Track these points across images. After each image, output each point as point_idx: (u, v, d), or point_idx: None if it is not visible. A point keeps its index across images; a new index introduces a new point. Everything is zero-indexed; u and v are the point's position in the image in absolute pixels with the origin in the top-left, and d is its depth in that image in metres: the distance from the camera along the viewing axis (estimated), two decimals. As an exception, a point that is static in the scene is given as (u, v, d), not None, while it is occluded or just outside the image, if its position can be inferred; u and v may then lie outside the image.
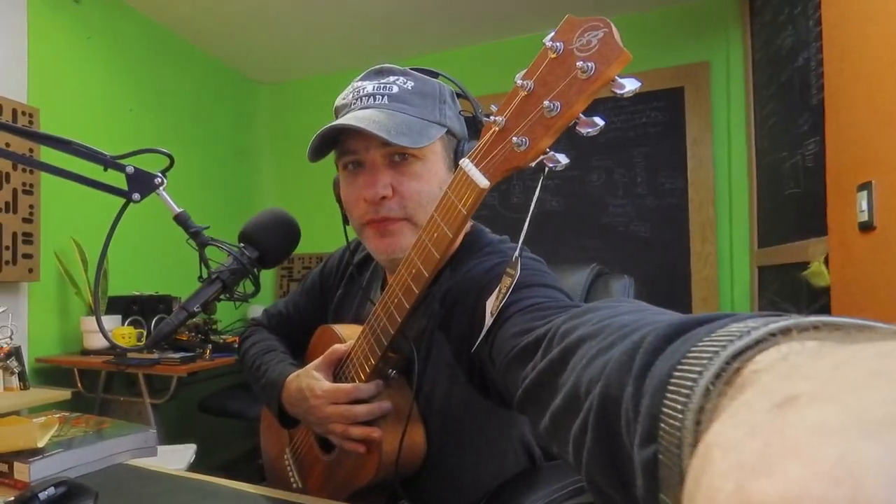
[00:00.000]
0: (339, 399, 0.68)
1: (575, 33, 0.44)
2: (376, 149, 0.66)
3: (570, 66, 0.44)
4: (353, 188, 0.69)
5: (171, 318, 0.60)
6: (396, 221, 0.67)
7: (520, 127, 0.48)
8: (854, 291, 1.21)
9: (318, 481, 0.79)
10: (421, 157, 0.67)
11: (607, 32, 0.42)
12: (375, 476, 0.67)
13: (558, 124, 0.46)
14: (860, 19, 1.17)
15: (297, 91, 3.23)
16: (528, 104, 0.48)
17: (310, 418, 0.72)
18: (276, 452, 0.91)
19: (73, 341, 2.09)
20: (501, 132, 0.50)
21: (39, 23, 2.01)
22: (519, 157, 0.48)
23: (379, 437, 0.66)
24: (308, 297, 0.96)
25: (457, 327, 0.66)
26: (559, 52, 0.45)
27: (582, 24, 0.44)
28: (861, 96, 1.16)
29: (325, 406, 0.69)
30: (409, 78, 0.70)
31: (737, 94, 2.34)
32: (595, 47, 0.42)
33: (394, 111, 0.66)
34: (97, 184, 0.59)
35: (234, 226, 0.67)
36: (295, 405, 0.74)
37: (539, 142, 0.47)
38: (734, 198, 2.34)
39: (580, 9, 2.47)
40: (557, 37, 0.46)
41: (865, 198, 1.12)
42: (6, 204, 1.81)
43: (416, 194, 0.66)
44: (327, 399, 0.68)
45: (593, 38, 0.43)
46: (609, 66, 0.41)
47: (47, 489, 0.60)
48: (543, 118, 0.46)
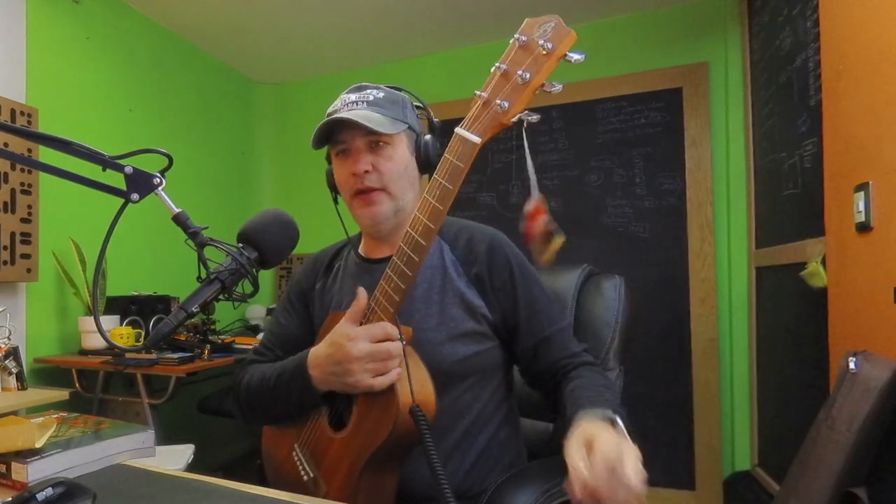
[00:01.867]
0: (376, 335, 0.74)
1: (534, 27, 0.66)
2: (360, 138, 0.88)
3: (533, 48, 0.65)
4: (343, 168, 0.90)
5: (169, 319, 0.60)
6: (377, 191, 0.88)
7: (500, 95, 0.68)
8: (851, 292, 1.21)
9: (333, 460, 0.82)
10: (391, 143, 0.89)
11: (558, 22, 0.64)
12: (394, 429, 0.73)
13: (529, 87, 0.66)
14: (858, 20, 1.17)
15: (298, 92, 3.23)
16: (504, 79, 0.68)
17: (346, 367, 0.75)
18: (284, 454, 0.92)
19: (71, 341, 2.09)
20: (485, 103, 0.69)
21: (38, 23, 2.01)
22: (502, 115, 0.68)
23: (398, 375, 0.75)
24: (289, 307, 1.03)
25: (475, 267, 0.91)
26: (524, 42, 0.66)
27: (539, 20, 0.67)
28: (859, 97, 1.17)
29: (363, 345, 0.74)
30: (380, 90, 0.93)
31: (735, 95, 2.35)
32: (550, 33, 0.65)
33: (371, 111, 0.87)
34: (96, 184, 0.59)
35: (234, 226, 0.67)
36: (327, 365, 0.78)
37: (516, 103, 0.67)
38: (732, 198, 2.35)
39: (579, 10, 2.48)
40: (522, 32, 0.68)
41: (863, 198, 1.12)
42: (4, 204, 1.81)
43: (389, 171, 0.88)
44: (366, 335, 0.74)
45: (548, 28, 0.65)
46: (562, 42, 0.64)
47: (45, 490, 0.60)
48: (517, 85, 0.66)
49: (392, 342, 0.75)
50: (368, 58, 2.97)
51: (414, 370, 0.76)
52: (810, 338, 1.60)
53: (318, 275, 1.02)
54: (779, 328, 1.94)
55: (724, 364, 2.34)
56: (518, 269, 0.91)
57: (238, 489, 0.69)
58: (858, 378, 0.99)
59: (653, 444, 2.41)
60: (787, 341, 1.83)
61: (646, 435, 2.43)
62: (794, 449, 1.11)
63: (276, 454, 0.94)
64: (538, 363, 0.90)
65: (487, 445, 0.90)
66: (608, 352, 1.06)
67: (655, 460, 2.40)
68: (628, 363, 1.09)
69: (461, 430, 0.88)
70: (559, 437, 0.74)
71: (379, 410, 0.76)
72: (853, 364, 1.01)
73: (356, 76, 3.36)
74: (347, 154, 0.89)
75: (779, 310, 1.94)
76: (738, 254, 2.33)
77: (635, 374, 2.40)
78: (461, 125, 0.72)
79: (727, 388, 2.33)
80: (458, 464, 0.87)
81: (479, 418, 0.89)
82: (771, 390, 2.04)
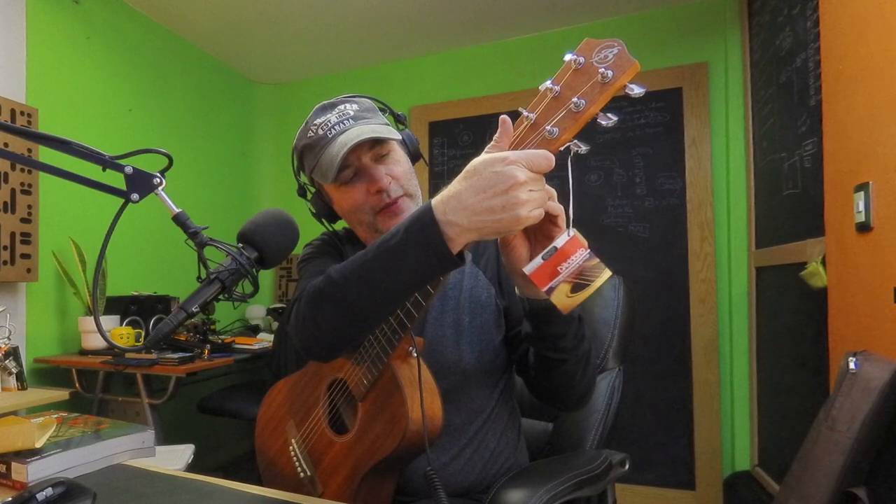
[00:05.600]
0: (538, 161, 0.57)
1: (593, 50, 0.58)
2: (365, 154, 0.85)
3: (591, 73, 0.57)
4: (356, 192, 0.86)
5: (169, 319, 0.60)
6: (402, 198, 0.86)
7: (550, 120, 0.60)
8: (851, 292, 1.21)
9: (332, 463, 0.82)
10: (392, 148, 0.88)
11: (621, 49, 0.57)
12: (401, 443, 0.71)
13: (583, 117, 0.58)
14: (858, 20, 1.17)
15: (298, 92, 3.23)
16: (556, 103, 0.60)
17: (513, 196, 0.55)
18: (276, 448, 0.92)
19: (71, 341, 2.09)
20: (533, 125, 0.61)
21: (38, 22, 2.01)
22: (551, 143, 0.60)
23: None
24: (332, 259, 0.93)
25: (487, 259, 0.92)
26: (581, 64, 0.58)
27: (599, 43, 0.58)
28: (859, 97, 1.17)
29: (523, 171, 0.56)
30: (351, 102, 0.90)
31: (735, 95, 2.35)
32: (611, 60, 0.57)
33: (361, 124, 0.85)
34: (96, 184, 0.59)
35: (234, 226, 0.67)
36: (484, 199, 0.56)
37: (567, 131, 0.59)
38: (732, 198, 2.35)
39: (579, 10, 2.48)
40: (580, 53, 0.59)
41: (863, 198, 1.12)
42: (4, 204, 1.81)
43: (402, 174, 0.87)
44: (528, 159, 0.56)
45: (609, 53, 0.57)
46: (624, 73, 0.56)
47: (45, 489, 0.60)
48: (571, 112, 0.59)
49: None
50: (368, 58, 2.97)
51: (425, 382, 0.75)
52: (810, 338, 1.60)
53: (339, 259, 0.95)
54: (779, 328, 1.94)
55: (724, 364, 2.34)
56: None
57: (238, 489, 0.69)
58: (858, 378, 0.99)
59: (653, 444, 2.41)
60: (787, 341, 1.83)
61: (646, 435, 2.43)
62: (794, 449, 1.11)
63: (269, 449, 0.94)
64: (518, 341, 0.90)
65: (497, 444, 0.90)
66: (607, 351, 1.06)
67: (655, 460, 2.40)
68: (628, 363, 1.09)
69: (475, 429, 0.88)
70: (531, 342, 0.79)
71: (385, 420, 0.75)
72: (853, 364, 1.01)
73: (356, 76, 3.39)
74: (359, 175, 0.86)
75: (779, 310, 1.94)
76: (738, 254, 2.32)
77: (635, 374, 2.40)
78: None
79: (727, 388, 2.33)
80: (470, 462, 0.87)
81: (490, 417, 0.90)
82: (771, 390, 2.04)
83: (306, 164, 0.92)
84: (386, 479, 0.79)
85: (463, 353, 0.86)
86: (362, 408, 0.80)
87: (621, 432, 2.40)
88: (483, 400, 0.89)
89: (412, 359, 0.77)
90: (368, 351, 0.78)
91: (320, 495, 0.82)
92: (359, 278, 0.65)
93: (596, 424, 1.01)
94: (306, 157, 0.91)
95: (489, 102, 2.75)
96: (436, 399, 0.76)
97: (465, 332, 0.87)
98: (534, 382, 0.88)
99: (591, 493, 0.82)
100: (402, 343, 0.74)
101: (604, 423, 1.01)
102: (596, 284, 0.60)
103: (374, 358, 0.77)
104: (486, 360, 0.88)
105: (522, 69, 2.70)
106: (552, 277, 0.62)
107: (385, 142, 0.86)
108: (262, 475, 0.96)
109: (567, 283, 0.61)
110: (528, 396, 1.01)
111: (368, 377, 0.78)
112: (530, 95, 0.61)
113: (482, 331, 0.88)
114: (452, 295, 0.89)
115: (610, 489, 0.94)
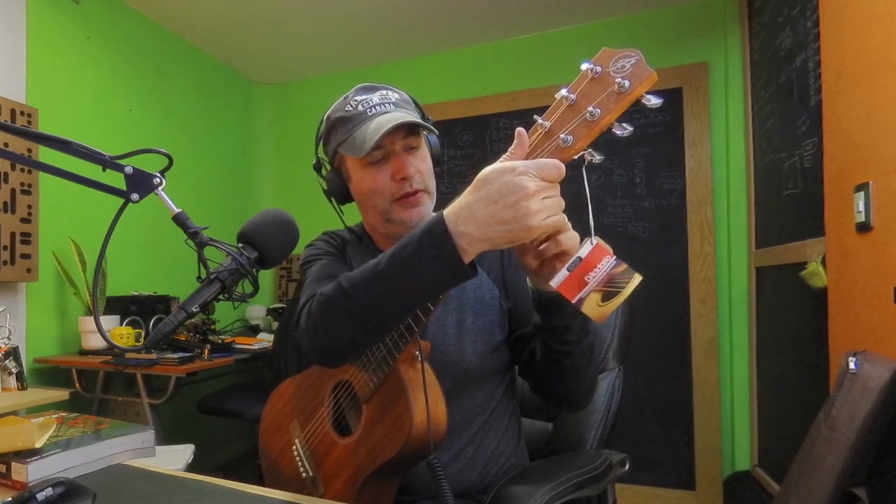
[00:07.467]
0: (548, 171, 0.57)
1: (611, 59, 0.58)
2: (399, 141, 0.84)
3: (608, 83, 0.57)
4: (381, 175, 0.85)
5: (169, 319, 0.60)
6: (421, 192, 0.86)
7: (565, 128, 0.59)
8: (851, 292, 1.21)
9: (335, 464, 0.82)
10: (421, 144, 0.88)
11: (639, 59, 0.57)
12: (404, 447, 0.71)
13: (598, 126, 0.57)
14: (858, 20, 1.17)
15: (298, 92, 3.23)
16: (572, 111, 0.59)
17: (524, 207, 0.55)
18: (280, 447, 0.92)
19: (71, 341, 2.09)
20: (547, 133, 0.60)
21: (38, 22, 2.00)
22: (565, 151, 0.59)
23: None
24: (337, 262, 0.92)
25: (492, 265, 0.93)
26: (598, 73, 0.57)
27: (616, 52, 0.58)
28: (859, 97, 1.17)
29: (533, 181, 0.56)
30: (394, 91, 0.90)
31: (735, 95, 2.35)
32: (629, 70, 0.57)
33: (403, 112, 0.85)
34: (96, 184, 0.59)
35: (234, 226, 0.67)
36: (496, 212, 0.56)
37: (581, 139, 0.58)
38: (732, 198, 2.35)
39: (579, 10, 2.47)
40: (597, 62, 0.58)
41: (863, 199, 1.12)
42: (4, 204, 1.81)
43: (426, 171, 0.88)
44: (538, 169, 0.56)
45: (627, 63, 0.57)
46: (641, 83, 0.56)
47: (45, 490, 0.60)
48: (586, 121, 0.58)
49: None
50: (368, 58, 2.97)
51: (430, 387, 0.75)
52: (810, 338, 1.60)
53: (343, 261, 0.95)
54: (779, 328, 1.94)
55: (724, 364, 2.34)
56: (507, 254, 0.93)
57: (238, 489, 0.68)
58: (858, 378, 0.99)
59: (653, 444, 2.41)
60: (787, 341, 1.83)
61: (646, 435, 2.43)
62: (794, 449, 1.11)
63: (272, 448, 0.94)
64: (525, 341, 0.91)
65: (498, 444, 0.90)
66: (607, 351, 1.06)
67: (655, 460, 2.40)
68: (628, 363, 1.09)
69: (475, 429, 0.88)
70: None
71: (389, 423, 0.75)
72: (853, 364, 1.01)
73: (356, 76, 3.38)
74: (387, 159, 0.85)
75: (779, 310, 1.94)
76: (738, 254, 2.32)
77: (635, 374, 2.40)
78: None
79: (727, 388, 2.33)
80: (471, 462, 0.87)
81: (491, 417, 0.90)
82: (771, 390, 2.04)
83: (334, 137, 0.89)
84: (388, 482, 0.79)
85: (465, 353, 0.86)
86: (367, 410, 0.80)
87: (621, 432, 2.40)
88: (484, 399, 0.90)
89: (418, 363, 0.77)
90: (375, 354, 0.78)
91: (322, 496, 0.82)
92: (370, 288, 0.65)
93: (596, 424, 1.01)
94: (338, 129, 0.87)
95: (489, 102, 2.75)
96: (440, 404, 0.76)
97: (467, 331, 0.87)
98: (540, 380, 0.88)
99: (592, 493, 0.82)
100: (409, 347, 0.74)
101: (604, 424, 1.01)
102: (627, 290, 0.58)
103: (380, 361, 0.77)
104: (488, 360, 0.88)
105: (522, 69, 2.70)
106: (580, 288, 0.60)
107: (419, 134, 0.86)
108: (265, 474, 0.96)
109: (597, 292, 0.59)
110: (528, 396, 1.01)
111: (374, 380, 0.78)
112: (530, 95, 0.60)
113: (485, 331, 0.88)
114: (455, 295, 0.89)
115: (610, 489, 0.94)
